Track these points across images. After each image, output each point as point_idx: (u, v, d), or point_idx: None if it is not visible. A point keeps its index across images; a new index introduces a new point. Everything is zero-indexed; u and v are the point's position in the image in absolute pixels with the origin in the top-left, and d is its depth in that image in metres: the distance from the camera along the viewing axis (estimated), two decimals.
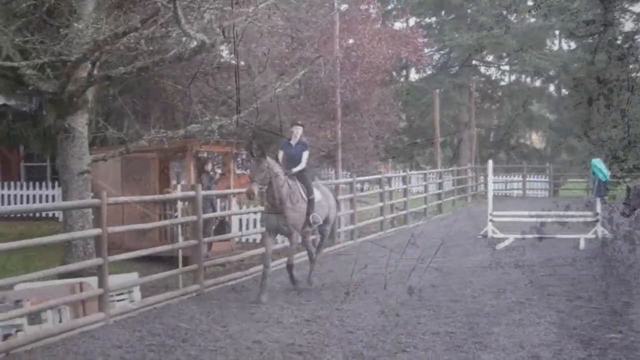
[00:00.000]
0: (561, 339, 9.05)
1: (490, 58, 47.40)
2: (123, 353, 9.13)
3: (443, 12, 45.26)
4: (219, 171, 21.84)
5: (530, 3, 41.13)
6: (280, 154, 12.94)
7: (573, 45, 43.11)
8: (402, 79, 45.20)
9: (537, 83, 48.32)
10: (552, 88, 48.10)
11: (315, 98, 25.20)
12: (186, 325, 10.41)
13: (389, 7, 44.12)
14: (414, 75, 46.64)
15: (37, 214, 24.18)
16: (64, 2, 15.03)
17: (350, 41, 27.15)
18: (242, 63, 21.69)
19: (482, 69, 48.55)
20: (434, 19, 46.33)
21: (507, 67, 48.24)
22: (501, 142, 48.17)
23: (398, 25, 42.49)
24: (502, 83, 48.93)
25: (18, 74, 14.89)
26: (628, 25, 36.04)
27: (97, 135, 18.21)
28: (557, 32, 45.02)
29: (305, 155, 13.07)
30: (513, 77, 48.62)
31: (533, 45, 42.90)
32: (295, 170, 12.74)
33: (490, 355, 8.39)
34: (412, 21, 44.79)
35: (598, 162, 17.50)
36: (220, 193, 19.81)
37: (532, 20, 42.89)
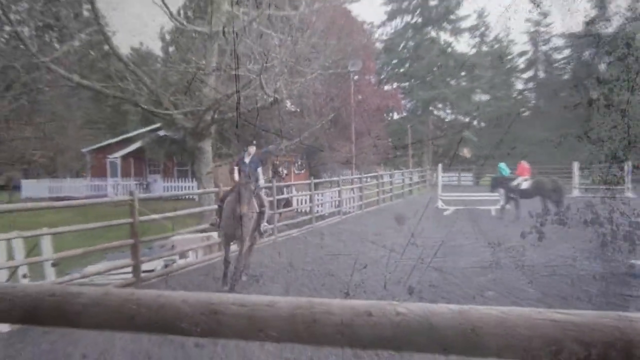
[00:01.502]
0: None
1: (440, 105, 46.91)
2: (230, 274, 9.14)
3: (412, 80, 44.90)
4: (285, 172, 21.93)
5: (463, 74, 40.77)
6: (236, 170, 9.05)
7: (488, 97, 42.64)
8: (389, 118, 44.95)
9: (467, 119, 47.69)
10: (475, 122, 47.49)
11: (340, 129, 25.17)
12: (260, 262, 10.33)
13: (382, 77, 43.86)
14: (396, 116, 46.17)
15: (184, 197, 24.36)
16: (197, 77, 15.14)
17: (360, 97, 27.10)
18: (298, 110, 21.76)
19: (435, 112, 47.94)
20: (407, 83, 45.91)
21: (450, 111, 47.64)
22: (446, 154, 47.82)
23: (387, 87, 42.08)
24: (447, 120, 48.28)
25: (172, 118, 15.03)
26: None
27: (216, 152, 18.32)
28: (478, 90, 44.39)
29: (260, 171, 9.21)
30: (453, 117, 47.97)
31: (463, 98, 42.65)
32: (260, 186, 9.01)
33: None
34: (394, 85, 44.45)
35: (503, 165, 17.26)
36: (286, 184, 19.75)
37: (464, 84, 42.58)
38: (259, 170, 9.12)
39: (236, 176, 8.98)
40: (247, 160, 9.03)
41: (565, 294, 6.99)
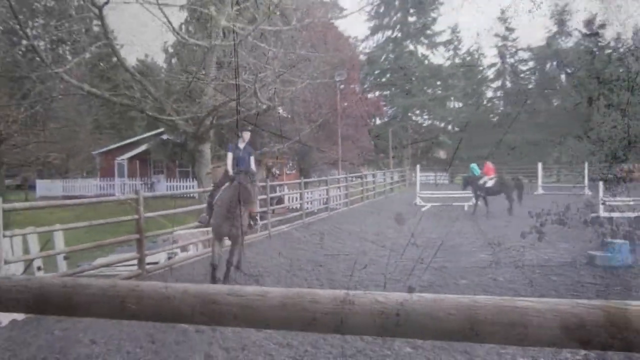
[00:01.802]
0: None
1: (418, 112, 47.01)
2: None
3: (393, 89, 45.01)
4: (277, 172, 21.85)
5: (438, 83, 41.10)
6: (229, 156, 7.83)
7: (461, 104, 42.88)
8: (372, 123, 44.97)
9: (442, 125, 47.80)
10: (449, 127, 47.59)
11: (327, 133, 25.18)
12: (254, 256, 10.33)
13: (365, 86, 43.95)
14: (378, 121, 46.22)
15: (185, 195, 24.14)
16: (197, 86, 15.06)
17: (345, 103, 27.13)
18: (289, 116, 21.72)
19: (414, 117, 48.02)
20: (388, 92, 46.02)
21: (427, 117, 47.80)
22: (424, 155, 47.93)
23: (370, 95, 42.14)
24: (424, 125, 48.40)
25: (175, 123, 14.94)
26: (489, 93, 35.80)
27: (214, 154, 18.22)
28: (452, 98, 44.59)
29: (253, 159, 7.95)
30: (430, 122, 48.14)
31: (439, 105, 42.83)
32: (255, 175, 7.42)
33: None
34: (377, 93, 44.50)
35: (474, 165, 17.30)
36: (278, 183, 19.65)
37: (439, 92, 42.81)
38: (252, 158, 7.98)
39: (229, 164, 7.83)
40: (241, 145, 7.90)
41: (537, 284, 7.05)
